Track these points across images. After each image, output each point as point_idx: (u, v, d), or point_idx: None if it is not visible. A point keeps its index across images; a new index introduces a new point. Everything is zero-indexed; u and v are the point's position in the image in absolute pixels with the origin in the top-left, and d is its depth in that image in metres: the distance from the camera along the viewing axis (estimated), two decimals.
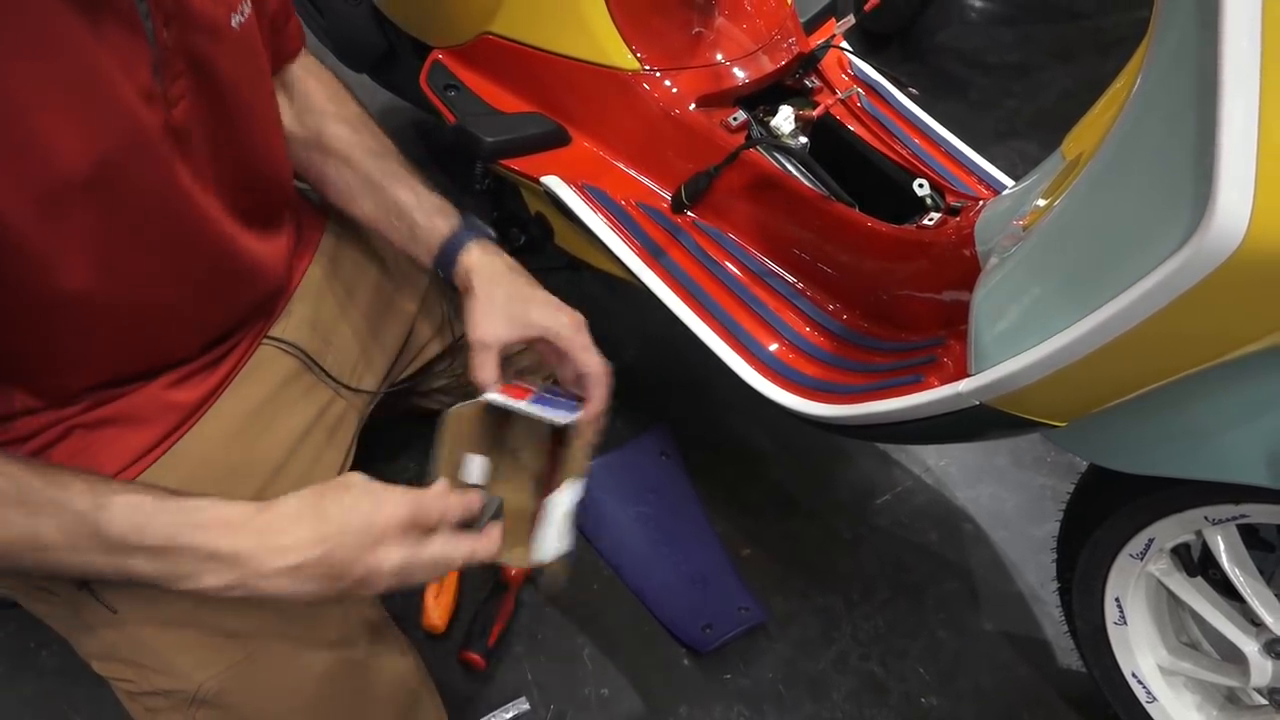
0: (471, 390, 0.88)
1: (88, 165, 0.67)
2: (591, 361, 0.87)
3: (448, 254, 0.93)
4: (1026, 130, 1.99)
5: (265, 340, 0.96)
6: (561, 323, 0.87)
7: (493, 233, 0.97)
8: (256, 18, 0.83)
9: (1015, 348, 0.74)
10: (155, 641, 0.82)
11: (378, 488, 0.71)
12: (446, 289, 1.06)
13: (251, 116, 0.84)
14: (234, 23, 0.78)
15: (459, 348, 1.17)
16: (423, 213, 0.95)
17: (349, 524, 0.68)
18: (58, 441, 0.82)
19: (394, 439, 1.38)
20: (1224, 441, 0.76)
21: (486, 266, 0.91)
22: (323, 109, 0.98)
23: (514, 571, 1.24)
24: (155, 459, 0.86)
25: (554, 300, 0.90)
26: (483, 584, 1.24)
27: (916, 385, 0.90)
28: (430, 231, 0.94)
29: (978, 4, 2.36)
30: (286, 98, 0.98)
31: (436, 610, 1.21)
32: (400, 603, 1.21)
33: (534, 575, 1.26)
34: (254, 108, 0.85)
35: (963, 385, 0.80)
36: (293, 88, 0.99)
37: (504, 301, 0.89)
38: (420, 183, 0.98)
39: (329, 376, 1.00)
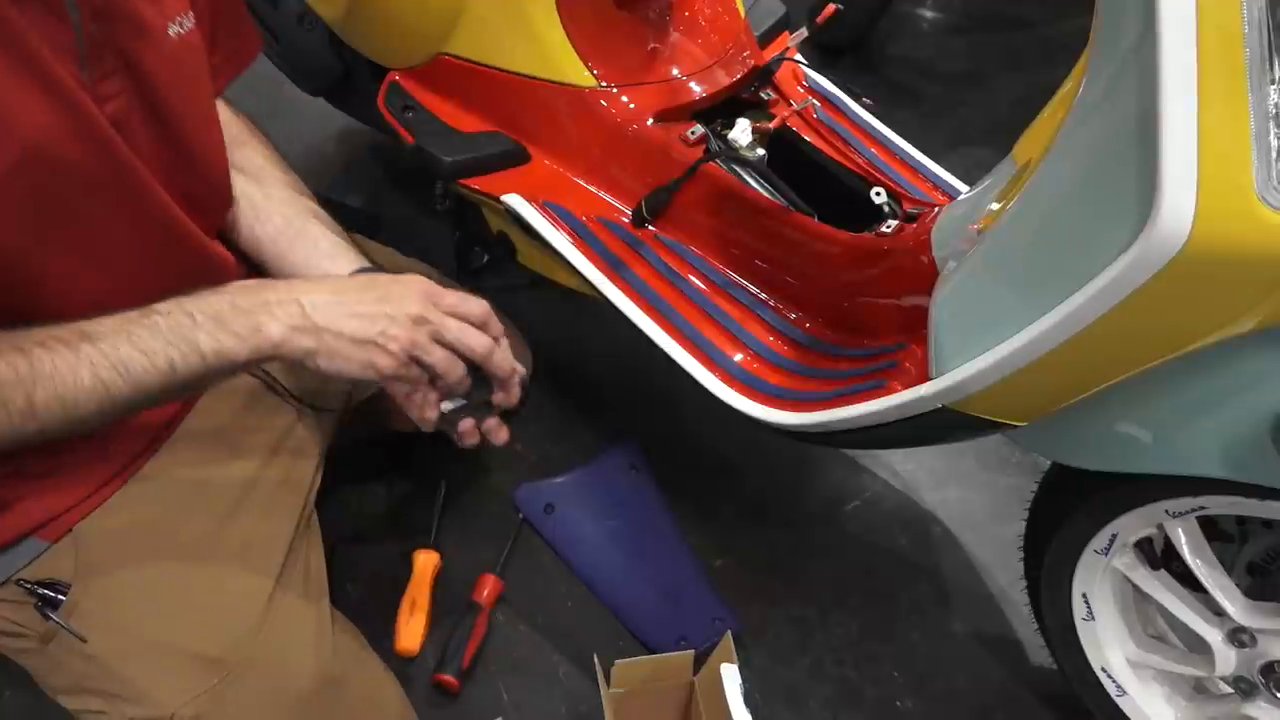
0: None
1: (17, 148, 0.66)
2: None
3: None
4: (980, 137, 2.02)
5: None
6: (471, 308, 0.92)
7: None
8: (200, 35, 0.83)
9: (974, 350, 0.75)
10: (127, 670, 0.81)
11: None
12: None
13: (193, 125, 0.84)
14: (171, 31, 0.78)
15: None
16: (326, 256, 0.95)
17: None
18: (18, 470, 0.81)
19: (364, 464, 1.37)
20: (1180, 436, 0.77)
21: None
22: (238, 136, 0.98)
23: (486, 591, 1.23)
24: (127, 479, 0.86)
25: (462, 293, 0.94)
26: (455, 605, 1.23)
27: (880, 391, 0.91)
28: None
29: (929, 15, 2.39)
30: None
31: (408, 633, 1.20)
32: (372, 626, 1.20)
33: (506, 595, 1.26)
34: (194, 118, 0.84)
35: (924, 389, 0.81)
36: None
37: None
38: (328, 223, 0.98)
39: (291, 396, 1.00)
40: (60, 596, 0.81)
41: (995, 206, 0.84)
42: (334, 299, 0.75)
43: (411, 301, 0.77)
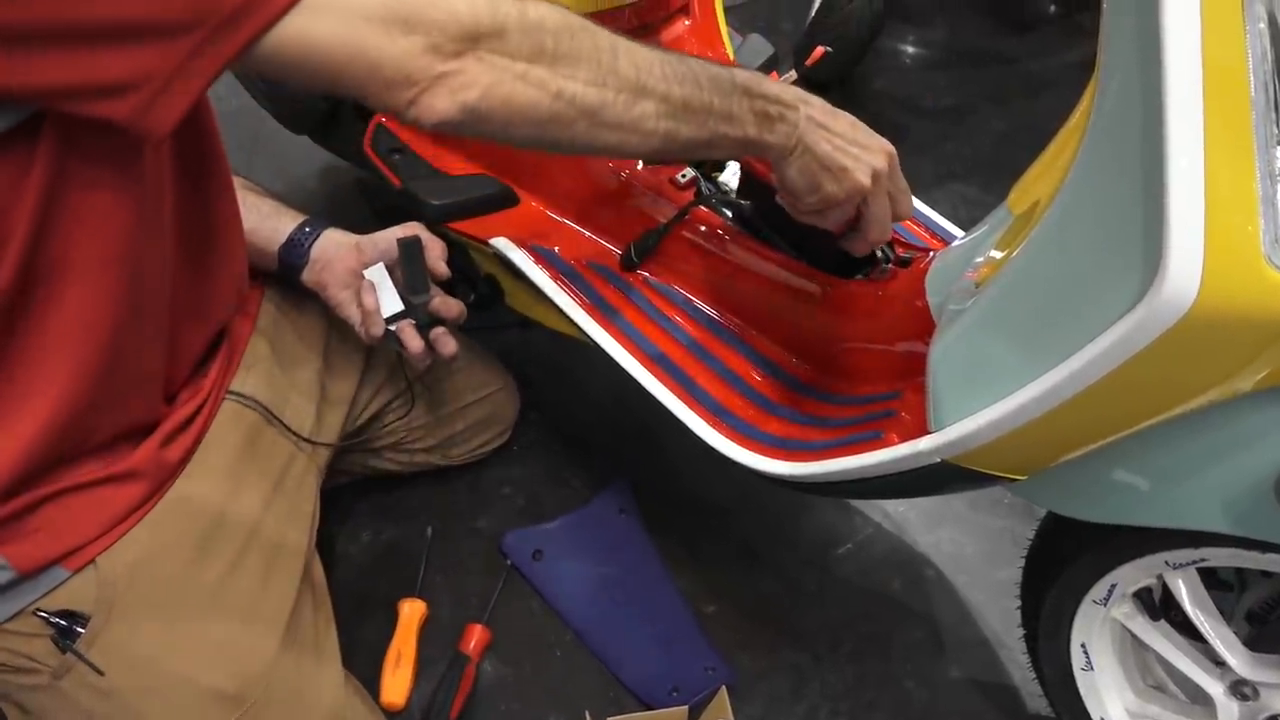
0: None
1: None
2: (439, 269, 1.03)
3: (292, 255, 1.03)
4: (965, 172, 2.02)
5: (227, 396, 0.95)
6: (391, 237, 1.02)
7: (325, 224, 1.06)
8: None
9: (974, 405, 0.74)
10: (144, 705, 0.82)
11: None
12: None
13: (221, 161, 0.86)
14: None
15: (411, 396, 1.20)
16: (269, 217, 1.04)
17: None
18: (43, 499, 0.79)
19: (350, 504, 1.35)
20: (1182, 489, 0.76)
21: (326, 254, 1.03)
22: None
23: (473, 642, 1.20)
24: (145, 514, 0.85)
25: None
26: (442, 656, 1.21)
27: (877, 442, 0.89)
28: (270, 240, 1.03)
29: (912, 50, 2.41)
30: None
31: (394, 686, 1.17)
32: (356, 679, 1.17)
33: (494, 645, 1.23)
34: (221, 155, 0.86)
35: (923, 443, 0.80)
36: None
37: (346, 261, 1.03)
38: (262, 192, 1.05)
39: (289, 430, 0.99)
40: (79, 629, 0.80)
41: (994, 255, 0.83)
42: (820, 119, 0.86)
43: (880, 155, 0.86)
